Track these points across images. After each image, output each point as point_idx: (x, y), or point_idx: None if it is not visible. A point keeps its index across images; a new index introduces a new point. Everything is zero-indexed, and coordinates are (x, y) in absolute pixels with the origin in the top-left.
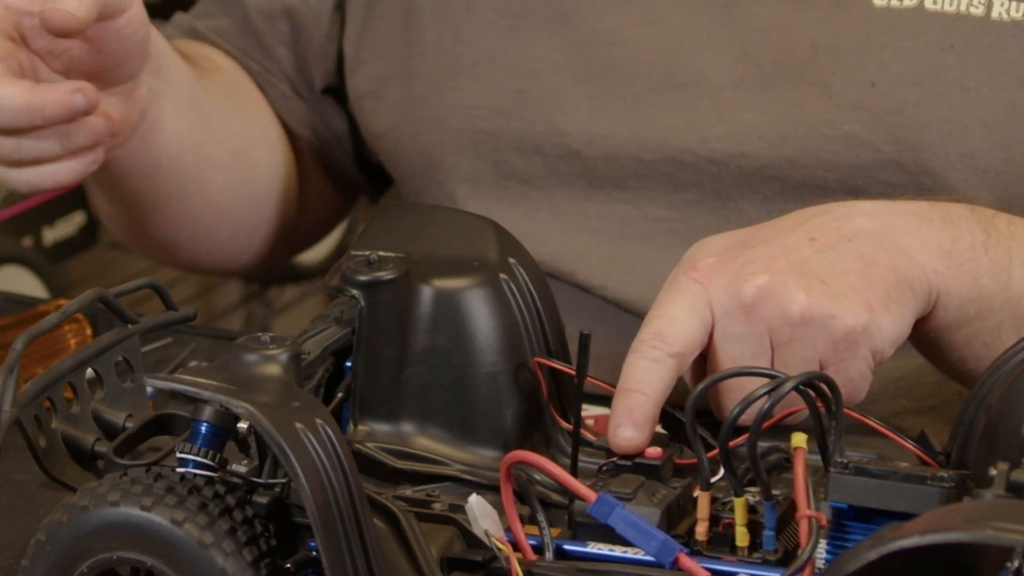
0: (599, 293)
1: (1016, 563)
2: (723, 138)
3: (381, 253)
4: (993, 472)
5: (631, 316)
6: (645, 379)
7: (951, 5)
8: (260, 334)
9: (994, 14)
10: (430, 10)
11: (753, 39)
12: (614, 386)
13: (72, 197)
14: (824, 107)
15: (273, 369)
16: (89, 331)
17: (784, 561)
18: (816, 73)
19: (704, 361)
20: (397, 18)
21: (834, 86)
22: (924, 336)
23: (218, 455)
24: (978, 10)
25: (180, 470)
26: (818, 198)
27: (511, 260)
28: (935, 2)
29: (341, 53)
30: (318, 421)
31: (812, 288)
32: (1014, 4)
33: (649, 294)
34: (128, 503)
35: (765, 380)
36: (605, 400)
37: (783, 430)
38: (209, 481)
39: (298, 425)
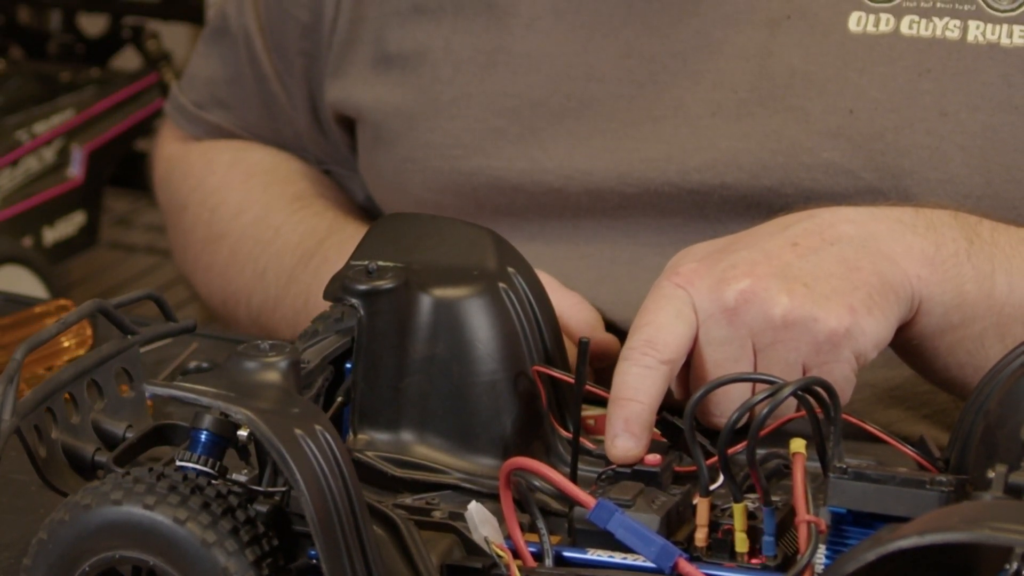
0: None
1: (1015, 564)
2: (702, 169)
3: (380, 262)
4: (991, 475)
5: (621, 335)
6: (639, 387)
7: (927, 30)
8: (259, 341)
9: (970, 37)
10: (407, 49)
11: (729, 66)
12: None
13: (72, 197)
14: (803, 134)
15: (272, 376)
16: (89, 331)
17: (784, 567)
18: (794, 100)
19: (686, 365)
20: (374, 59)
21: (812, 113)
22: (907, 343)
23: (218, 463)
24: (954, 34)
25: None
26: None
27: (510, 269)
28: (911, 27)
29: (315, 105)
30: (317, 427)
31: (794, 291)
32: (989, 27)
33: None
34: (130, 502)
35: (757, 386)
36: (605, 403)
37: (781, 436)
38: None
39: (297, 431)
